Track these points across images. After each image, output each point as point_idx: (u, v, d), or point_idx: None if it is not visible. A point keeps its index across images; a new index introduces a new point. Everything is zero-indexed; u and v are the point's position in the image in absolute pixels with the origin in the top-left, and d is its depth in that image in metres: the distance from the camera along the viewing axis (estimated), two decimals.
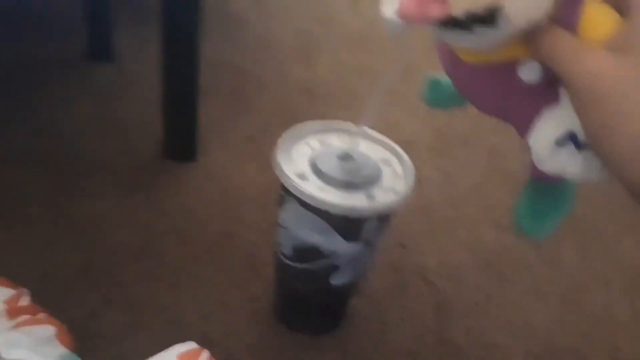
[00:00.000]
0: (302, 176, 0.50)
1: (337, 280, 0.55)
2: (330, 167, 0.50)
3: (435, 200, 0.83)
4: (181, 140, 0.82)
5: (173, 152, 0.82)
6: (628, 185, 0.29)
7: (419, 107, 1.03)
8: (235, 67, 1.09)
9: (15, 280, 0.46)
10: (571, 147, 0.31)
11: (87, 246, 0.67)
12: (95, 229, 0.69)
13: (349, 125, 0.54)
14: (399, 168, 0.53)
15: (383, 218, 0.51)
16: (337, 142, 0.54)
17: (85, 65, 1.00)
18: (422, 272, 0.71)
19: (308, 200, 0.47)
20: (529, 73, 0.31)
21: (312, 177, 0.50)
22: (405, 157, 0.54)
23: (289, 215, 0.52)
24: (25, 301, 0.45)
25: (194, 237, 0.70)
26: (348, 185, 0.49)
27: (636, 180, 0.28)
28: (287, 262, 0.56)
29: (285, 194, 0.51)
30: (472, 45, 0.31)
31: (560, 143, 0.31)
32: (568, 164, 0.31)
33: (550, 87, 0.31)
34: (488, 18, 0.27)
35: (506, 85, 0.33)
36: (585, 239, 0.80)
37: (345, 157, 0.51)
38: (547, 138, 0.31)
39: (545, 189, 0.37)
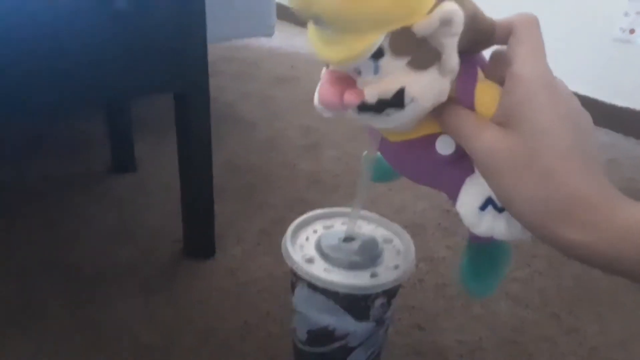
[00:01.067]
0: (309, 260, 0.53)
1: None
2: (335, 249, 0.53)
3: (449, 279, 0.84)
4: (199, 239, 0.87)
5: (192, 252, 0.86)
6: (544, 241, 0.31)
7: (423, 190, 1.08)
8: (248, 165, 1.15)
9: None
10: (493, 211, 0.34)
11: (112, 349, 0.69)
12: (119, 331, 0.72)
13: (349, 210, 0.58)
14: (400, 245, 0.56)
15: (389, 294, 0.53)
16: (340, 226, 0.57)
17: (109, 176, 1.08)
18: (443, 353, 0.71)
19: (315, 282, 0.50)
20: (444, 147, 0.35)
21: (319, 260, 0.52)
22: (406, 234, 0.57)
23: (300, 299, 0.54)
24: None
25: (214, 333, 0.72)
26: (352, 265, 0.52)
27: (546, 238, 0.31)
28: (303, 347, 0.57)
29: (295, 278, 0.54)
30: (386, 125, 0.34)
31: (483, 208, 0.34)
32: (494, 226, 0.34)
33: (467, 157, 0.34)
34: (396, 102, 0.31)
35: (428, 159, 0.36)
36: (603, 307, 0.80)
37: (348, 239, 0.54)
38: (470, 205, 0.35)
39: (483, 249, 0.39)
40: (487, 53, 0.35)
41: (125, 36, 0.64)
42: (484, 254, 0.40)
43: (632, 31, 1.44)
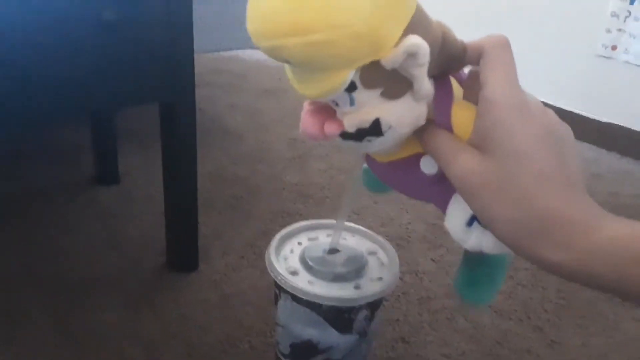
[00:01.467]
0: (293, 272, 0.52)
1: None
2: (319, 261, 0.53)
3: (433, 292, 0.84)
4: (183, 252, 0.86)
5: (176, 264, 0.86)
6: (526, 260, 0.32)
7: (409, 202, 1.08)
8: (234, 177, 1.15)
9: None
10: (479, 227, 0.35)
11: (92, 359, 0.68)
12: (99, 342, 0.71)
13: (333, 221, 0.58)
14: (384, 258, 0.56)
15: (373, 307, 0.53)
16: (325, 238, 0.57)
17: (92, 188, 1.07)
18: None
19: (299, 294, 0.50)
20: (428, 167, 0.36)
21: (302, 272, 0.52)
22: (390, 247, 0.57)
23: (284, 312, 0.54)
24: None
25: (197, 345, 0.71)
26: (336, 277, 0.52)
27: (526, 257, 0.32)
28: None
29: (279, 290, 0.53)
30: (370, 150, 0.35)
31: (469, 224, 0.35)
32: (482, 241, 0.35)
33: None
34: (374, 131, 0.32)
35: (414, 178, 0.37)
36: (585, 319, 0.81)
37: (333, 251, 0.54)
38: (457, 221, 0.35)
39: (478, 259, 0.39)
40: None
41: (111, 46, 0.64)
42: (480, 262, 0.40)
43: (614, 47, 1.47)
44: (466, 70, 0.36)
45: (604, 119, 1.53)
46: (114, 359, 0.69)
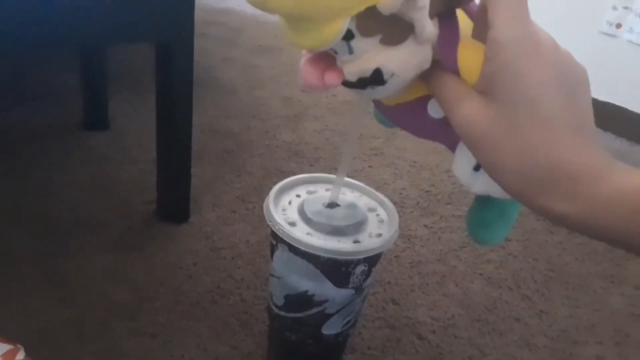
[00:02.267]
0: (291, 224, 0.51)
1: (328, 329, 0.55)
2: (318, 214, 0.51)
3: (425, 257, 0.84)
4: (174, 201, 0.84)
5: (166, 213, 0.84)
6: (532, 210, 0.31)
7: (404, 168, 1.07)
8: (227, 132, 1.12)
9: (10, 336, 0.47)
10: (486, 172, 0.33)
11: (81, 303, 0.67)
12: (88, 287, 0.69)
13: (333, 176, 0.57)
14: (384, 215, 0.55)
15: (371, 262, 0.52)
16: (324, 192, 0.56)
17: (81, 133, 1.04)
18: (415, 328, 0.71)
19: (297, 245, 0.49)
20: (435, 111, 0.34)
21: (301, 224, 0.51)
22: (390, 204, 0.56)
23: (280, 263, 0.53)
24: (20, 356, 0.46)
25: (187, 295, 0.70)
26: (335, 231, 0.50)
27: (532, 209, 0.31)
28: (279, 312, 0.56)
29: (276, 241, 0.52)
30: (375, 97, 0.34)
31: (477, 169, 0.34)
32: (489, 186, 0.34)
33: None
34: (376, 80, 0.31)
35: (422, 120, 0.36)
36: (574, 291, 0.81)
37: (332, 205, 0.52)
38: (464, 166, 0.35)
39: (490, 200, 0.38)
40: None
41: None
42: (492, 203, 0.39)
43: (618, 25, 1.45)
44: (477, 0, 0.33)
45: (601, 98, 1.52)
46: (100, 302, 0.67)
